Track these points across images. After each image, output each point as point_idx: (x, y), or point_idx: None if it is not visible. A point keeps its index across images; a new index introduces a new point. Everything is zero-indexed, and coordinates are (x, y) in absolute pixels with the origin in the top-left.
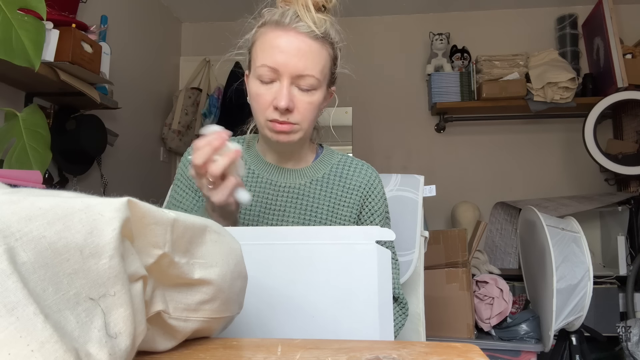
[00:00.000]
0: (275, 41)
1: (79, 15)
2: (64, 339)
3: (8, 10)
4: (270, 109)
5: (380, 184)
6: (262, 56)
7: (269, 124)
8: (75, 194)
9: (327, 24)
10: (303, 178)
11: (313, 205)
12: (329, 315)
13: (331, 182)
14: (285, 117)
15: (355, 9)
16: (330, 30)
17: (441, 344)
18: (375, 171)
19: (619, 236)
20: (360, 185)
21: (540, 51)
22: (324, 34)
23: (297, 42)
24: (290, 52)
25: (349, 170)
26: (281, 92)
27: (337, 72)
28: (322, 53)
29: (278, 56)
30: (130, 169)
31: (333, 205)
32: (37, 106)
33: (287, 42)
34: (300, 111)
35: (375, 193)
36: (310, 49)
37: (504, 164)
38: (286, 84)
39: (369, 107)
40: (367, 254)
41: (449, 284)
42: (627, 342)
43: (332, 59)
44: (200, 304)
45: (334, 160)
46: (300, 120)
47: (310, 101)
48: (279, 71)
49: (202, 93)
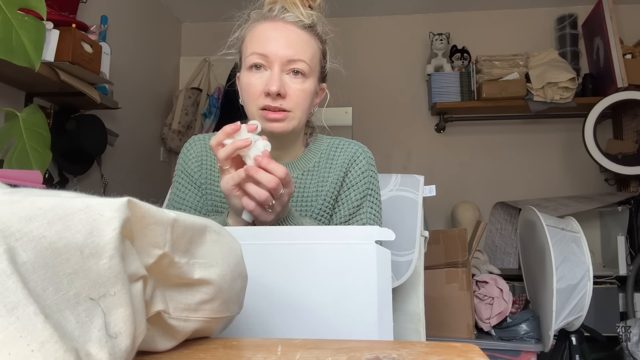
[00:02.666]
0: (264, 31)
1: (79, 15)
2: (64, 339)
3: (8, 10)
4: (261, 96)
5: (365, 160)
6: (252, 46)
7: (262, 112)
8: (75, 194)
9: (314, 17)
10: (295, 171)
11: (304, 196)
12: (328, 314)
13: (321, 168)
14: (277, 102)
15: (355, 9)
16: (318, 24)
17: (441, 344)
18: (362, 147)
19: (618, 236)
20: (344, 161)
21: (540, 51)
22: (312, 24)
23: (285, 30)
24: (279, 39)
25: (336, 150)
26: (272, 78)
27: (327, 69)
28: (311, 42)
29: (267, 44)
30: (130, 169)
31: (319, 188)
32: (37, 106)
33: (276, 30)
34: (293, 98)
35: (356, 168)
36: (299, 37)
37: (504, 164)
38: (277, 71)
39: (369, 107)
40: (366, 254)
41: (449, 284)
42: (627, 342)
43: (322, 52)
44: (200, 304)
45: (323, 146)
46: (293, 107)
47: (302, 88)
48: (269, 58)
49: (202, 93)
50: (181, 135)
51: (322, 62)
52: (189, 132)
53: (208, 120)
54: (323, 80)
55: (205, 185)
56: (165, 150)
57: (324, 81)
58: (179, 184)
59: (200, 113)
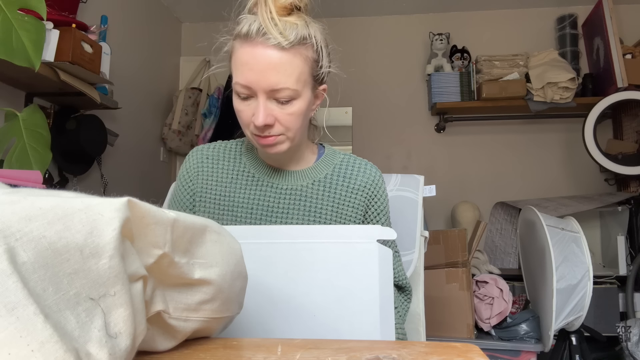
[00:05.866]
0: (244, 58)
1: (79, 15)
2: (64, 338)
3: (8, 10)
4: (251, 124)
5: (383, 183)
6: (236, 74)
7: (254, 137)
8: (75, 194)
9: (298, 28)
10: (305, 179)
11: (317, 206)
12: (330, 314)
13: (334, 182)
14: (266, 132)
15: (355, 9)
16: (303, 33)
17: (441, 344)
18: (378, 170)
19: (618, 236)
20: (365, 185)
21: (540, 51)
22: (293, 41)
23: (265, 56)
24: (259, 68)
25: (353, 169)
26: (258, 110)
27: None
28: (295, 62)
29: (248, 74)
30: (130, 169)
31: (337, 205)
32: (37, 106)
33: (255, 58)
34: (283, 123)
35: (380, 193)
36: (280, 62)
37: (504, 164)
38: (262, 100)
39: (369, 107)
40: (368, 253)
41: (449, 284)
42: (627, 342)
43: (312, 62)
44: (200, 304)
45: (336, 160)
46: (284, 131)
47: (291, 112)
48: (252, 88)
49: (202, 93)
50: (181, 135)
51: (315, 71)
52: (189, 132)
53: (208, 120)
54: (321, 83)
55: (201, 194)
56: (165, 150)
57: (323, 83)
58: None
59: (200, 113)
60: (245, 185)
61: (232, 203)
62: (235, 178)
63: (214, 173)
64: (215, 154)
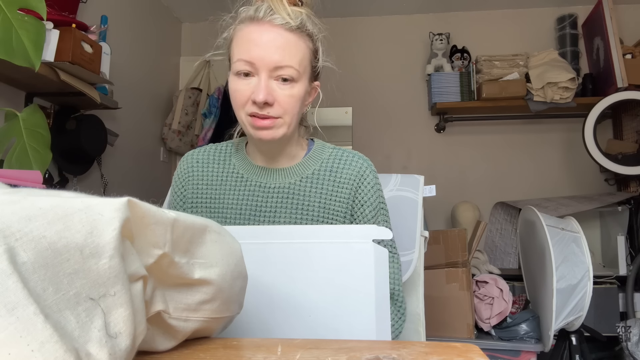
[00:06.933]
0: (250, 35)
1: (79, 15)
2: (64, 338)
3: (8, 10)
4: (249, 103)
5: (371, 174)
6: (238, 51)
7: (250, 119)
8: (75, 194)
9: (303, 16)
10: (293, 176)
11: (304, 203)
12: (327, 313)
13: (321, 178)
14: (265, 110)
15: (356, 9)
16: (307, 23)
17: (441, 344)
18: (367, 161)
19: (618, 236)
20: (351, 177)
21: (540, 51)
22: (300, 25)
23: (272, 34)
24: (266, 44)
25: (339, 163)
26: (259, 86)
27: (320, 67)
28: (300, 45)
29: (254, 50)
30: (130, 169)
31: (324, 201)
32: (37, 106)
33: (262, 35)
34: (281, 104)
35: (365, 184)
36: (286, 41)
37: (504, 164)
38: (264, 77)
39: (368, 107)
40: (364, 253)
41: (449, 284)
42: (627, 342)
43: (312, 52)
44: (200, 304)
45: (324, 155)
46: (282, 114)
47: (291, 94)
48: (255, 65)
49: (202, 93)
50: (181, 135)
51: (313, 62)
52: (189, 132)
53: (208, 120)
54: (316, 79)
55: (192, 198)
56: (165, 150)
57: (317, 79)
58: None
59: (200, 113)
60: (234, 187)
61: (222, 205)
62: (224, 180)
63: (204, 176)
64: (205, 157)
